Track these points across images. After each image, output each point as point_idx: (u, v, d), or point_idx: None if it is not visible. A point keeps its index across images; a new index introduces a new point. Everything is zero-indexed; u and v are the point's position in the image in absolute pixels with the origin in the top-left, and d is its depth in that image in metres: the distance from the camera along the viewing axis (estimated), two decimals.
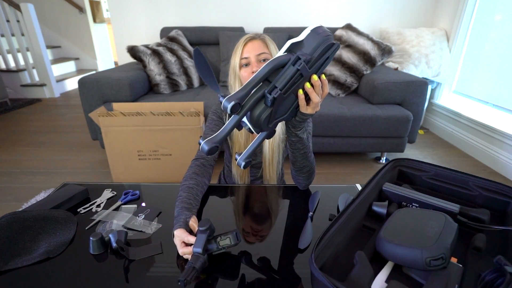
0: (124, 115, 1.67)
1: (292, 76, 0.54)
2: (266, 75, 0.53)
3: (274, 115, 0.56)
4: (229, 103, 0.49)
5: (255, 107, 0.54)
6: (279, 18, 2.76)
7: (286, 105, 0.59)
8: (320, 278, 0.44)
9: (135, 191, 0.85)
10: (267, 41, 0.85)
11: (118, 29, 2.83)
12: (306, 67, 0.55)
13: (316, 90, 0.60)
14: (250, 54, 0.84)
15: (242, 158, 0.56)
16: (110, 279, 0.57)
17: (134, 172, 1.83)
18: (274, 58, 0.54)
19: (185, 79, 2.33)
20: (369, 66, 2.19)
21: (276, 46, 0.88)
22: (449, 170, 0.76)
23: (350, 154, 2.28)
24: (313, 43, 0.55)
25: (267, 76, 0.53)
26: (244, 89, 0.51)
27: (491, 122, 2.14)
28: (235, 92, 0.50)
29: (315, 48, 0.55)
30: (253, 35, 0.86)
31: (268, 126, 0.56)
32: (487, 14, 2.30)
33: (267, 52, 0.84)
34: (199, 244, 0.55)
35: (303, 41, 0.56)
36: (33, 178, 1.91)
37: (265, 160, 0.95)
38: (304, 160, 0.81)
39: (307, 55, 0.54)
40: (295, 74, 0.54)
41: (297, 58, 0.54)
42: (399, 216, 0.58)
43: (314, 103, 0.62)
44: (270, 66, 0.53)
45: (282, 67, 0.54)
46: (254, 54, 0.83)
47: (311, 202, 0.80)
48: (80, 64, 4.96)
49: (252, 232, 0.70)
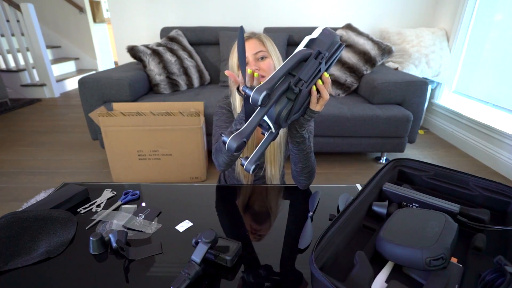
0: (124, 115, 1.67)
1: (315, 70, 0.55)
2: (293, 67, 0.53)
3: (293, 110, 0.56)
4: (260, 95, 0.47)
5: (278, 101, 0.52)
6: (279, 18, 2.76)
7: (301, 101, 0.59)
8: (320, 278, 0.44)
9: (135, 191, 0.85)
10: (263, 38, 0.86)
11: (118, 29, 2.83)
12: (324, 63, 0.56)
13: (326, 87, 0.61)
14: (247, 53, 0.84)
15: (250, 162, 0.52)
16: (110, 279, 0.57)
17: (134, 172, 1.83)
18: (298, 52, 0.54)
19: (185, 79, 2.33)
20: (369, 66, 2.19)
21: (273, 43, 0.89)
22: (449, 170, 0.76)
23: (350, 154, 2.28)
24: (327, 41, 0.56)
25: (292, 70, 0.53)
26: (271, 80, 0.49)
27: (491, 122, 2.14)
28: (263, 84, 0.49)
29: (328, 46, 0.57)
30: (249, 34, 0.86)
31: (286, 122, 0.56)
32: (487, 14, 2.30)
33: (264, 50, 0.85)
34: (198, 254, 0.55)
35: (319, 38, 0.57)
36: (33, 178, 1.91)
37: (268, 159, 0.95)
38: (306, 161, 0.82)
39: (325, 52, 0.55)
40: (317, 68, 0.55)
41: (318, 52, 0.55)
42: (399, 216, 0.58)
43: (325, 99, 0.63)
44: (297, 58, 0.53)
45: (304, 61, 0.55)
46: (251, 53, 0.84)
47: (311, 202, 0.80)
48: (80, 64, 4.96)
49: (252, 231, 0.70)
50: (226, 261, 0.58)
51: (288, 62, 0.52)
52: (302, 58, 0.54)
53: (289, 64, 0.52)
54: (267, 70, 0.85)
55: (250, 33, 0.87)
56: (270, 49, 0.86)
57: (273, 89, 0.50)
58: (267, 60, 0.85)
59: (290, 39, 2.50)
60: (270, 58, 0.85)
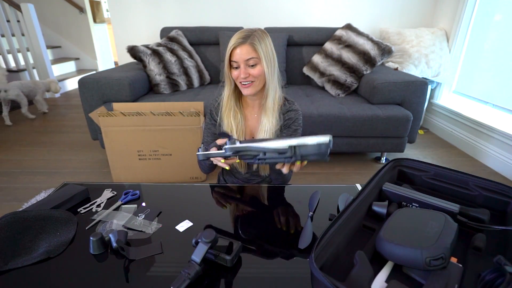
0: (124, 115, 1.67)
1: (281, 159, 0.69)
2: (268, 149, 0.69)
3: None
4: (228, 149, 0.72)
5: (244, 155, 0.72)
6: (279, 18, 2.76)
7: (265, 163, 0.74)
8: (320, 278, 0.44)
9: (135, 191, 0.85)
10: (255, 44, 0.84)
11: (118, 29, 2.83)
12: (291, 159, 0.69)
13: (293, 168, 0.75)
14: (239, 59, 0.85)
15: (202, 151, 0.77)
16: (110, 279, 0.57)
17: (134, 172, 1.83)
18: (278, 148, 0.68)
19: (185, 79, 2.33)
20: (369, 66, 2.19)
21: (268, 42, 0.88)
22: (449, 170, 0.76)
23: (350, 154, 2.28)
24: (313, 151, 0.68)
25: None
26: (248, 148, 0.70)
27: (491, 122, 2.14)
28: (233, 145, 0.71)
29: (308, 155, 0.68)
30: (242, 39, 0.85)
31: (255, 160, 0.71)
32: (487, 14, 2.30)
33: (255, 56, 0.85)
34: (198, 254, 0.56)
35: (307, 145, 0.68)
36: (33, 178, 1.91)
37: None
38: (279, 176, 0.95)
39: (298, 156, 0.68)
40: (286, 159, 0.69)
41: (291, 155, 0.68)
42: (399, 216, 0.58)
43: (283, 172, 0.75)
44: (274, 147, 0.69)
45: (279, 153, 0.69)
46: (242, 59, 0.85)
47: (311, 202, 0.80)
48: (80, 64, 4.96)
49: (252, 231, 0.70)
50: (226, 261, 0.58)
51: (268, 149, 0.69)
52: (280, 150, 0.68)
53: (267, 150, 0.69)
54: (257, 77, 0.87)
55: (245, 34, 0.86)
56: (262, 55, 0.85)
57: (241, 152, 0.71)
58: (257, 67, 0.86)
59: (290, 39, 2.50)
60: (261, 64, 0.86)
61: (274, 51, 0.90)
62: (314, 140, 0.67)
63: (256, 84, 0.89)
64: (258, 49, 0.85)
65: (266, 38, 0.88)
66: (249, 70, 0.86)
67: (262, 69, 0.87)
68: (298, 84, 2.60)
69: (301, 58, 2.56)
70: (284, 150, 0.68)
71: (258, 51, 0.85)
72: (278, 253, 0.64)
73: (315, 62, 2.42)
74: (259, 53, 0.85)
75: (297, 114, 0.99)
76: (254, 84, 0.89)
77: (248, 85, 0.89)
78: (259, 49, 0.85)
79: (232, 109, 0.97)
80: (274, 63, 0.90)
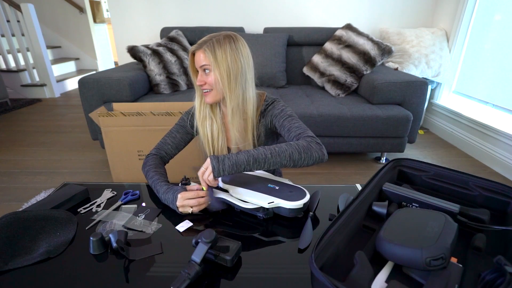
0: (124, 115, 1.67)
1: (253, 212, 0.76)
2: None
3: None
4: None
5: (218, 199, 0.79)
6: (279, 18, 2.76)
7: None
8: (320, 278, 0.44)
9: (135, 191, 0.85)
10: (207, 51, 0.80)
11: (118, 29, 2.83)
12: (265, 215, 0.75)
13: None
14: (196, 65, 0.85)
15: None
16: (110, 279, 0.57)
17: (134, 172, 1.83)
18: (252, 208, 0.74)
19: (185, 79, 2.33)
20: (369, 66, 2.19)
21: (228, 49, 0.80)
22: (449, 170, 0.76)
23: (350, 154, 2.28)
24: (284, 212, 0.75)
25: None
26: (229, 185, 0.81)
27: (491, 122, 2.14)
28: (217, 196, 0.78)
29: (281, 213, 0.75)
30: (199, 44, 0.82)
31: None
32: (487, 14, 2.30)
33: (207, 63, 0.81)
34: (198, 254, 0.56)
35: (280, 208, 0.74)
36: (33, 178, 1.91)
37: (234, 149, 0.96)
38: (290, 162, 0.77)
39: (270, 215, 0.76)
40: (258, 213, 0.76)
41: (263, 212, 0.75)
42: (399, 216, 0.58)
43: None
44: (249, 210, 0.76)
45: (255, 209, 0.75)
46: (198, 66, 0.84)
47: (311, 202, 0.80)
48: (80, 64, 4.96)
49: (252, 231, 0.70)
50: (226, 261, 0.58)
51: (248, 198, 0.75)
52: (255, 209, 0.74)
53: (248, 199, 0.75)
54: (211, 84, 0.83)
55: (203, 40, 0.82)
56: (214, 63, 0.80)
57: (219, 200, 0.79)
58: (210, 74, 0.82)
59: (290, 39, 2.50)
60: (213, 72, 0.82)
61: (241, 58, 0.82)
62: (289, 204, 0.72)
63: (214, 93, 0.85)
64: (209, 56, 0.80)
65: (228, 43, 0.81)
66: (204, 78, 0.83)
67: (215, 76, 0.82)
68: (298, 84, 2.60)
69: (301, 58, 2.56)
70: (258, 208, 0.73)
71: (209, 58, 0.80)
72: (278, 253, 0.64)
73: (315, 62, 2.42)
74: (210, 60, 0.80)
75: (273, 103, 0.92)
76: (212, 92, 0.85)
77: (206, 93, 0.86)
78: (209, 56, 0.80)
79: (208, 118, 0.92)
80: (238, 70, 0.82)
